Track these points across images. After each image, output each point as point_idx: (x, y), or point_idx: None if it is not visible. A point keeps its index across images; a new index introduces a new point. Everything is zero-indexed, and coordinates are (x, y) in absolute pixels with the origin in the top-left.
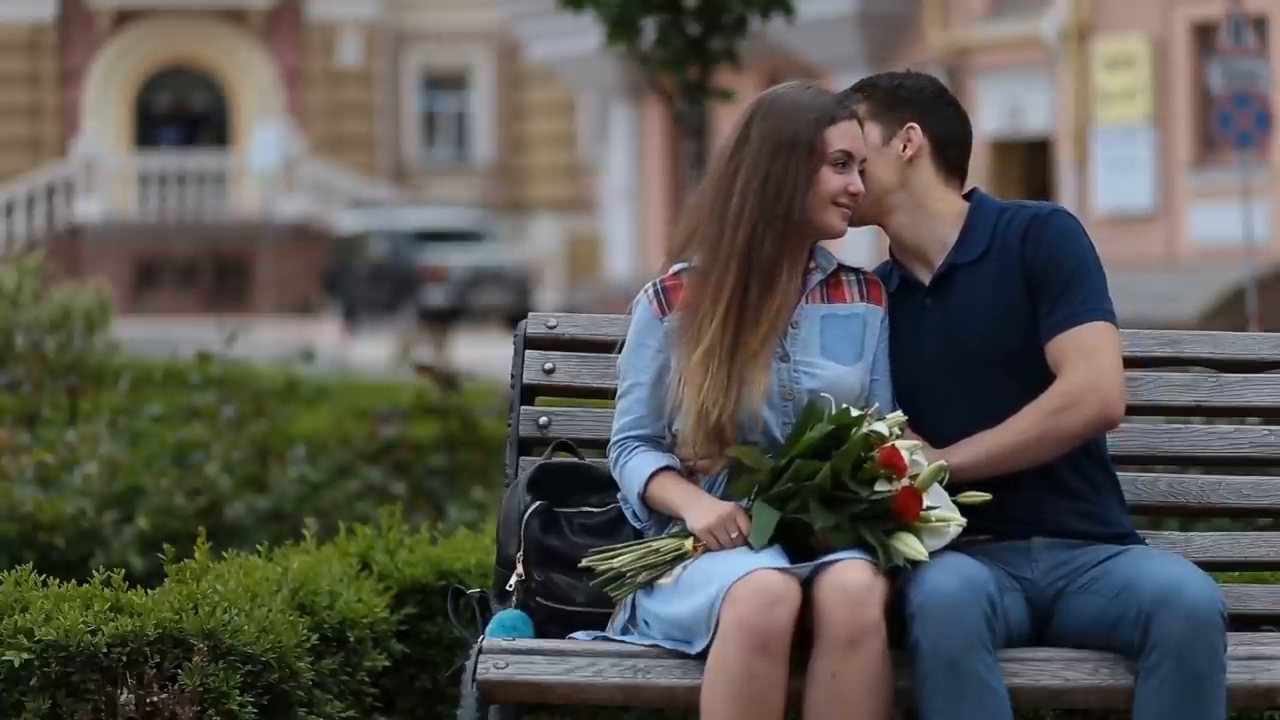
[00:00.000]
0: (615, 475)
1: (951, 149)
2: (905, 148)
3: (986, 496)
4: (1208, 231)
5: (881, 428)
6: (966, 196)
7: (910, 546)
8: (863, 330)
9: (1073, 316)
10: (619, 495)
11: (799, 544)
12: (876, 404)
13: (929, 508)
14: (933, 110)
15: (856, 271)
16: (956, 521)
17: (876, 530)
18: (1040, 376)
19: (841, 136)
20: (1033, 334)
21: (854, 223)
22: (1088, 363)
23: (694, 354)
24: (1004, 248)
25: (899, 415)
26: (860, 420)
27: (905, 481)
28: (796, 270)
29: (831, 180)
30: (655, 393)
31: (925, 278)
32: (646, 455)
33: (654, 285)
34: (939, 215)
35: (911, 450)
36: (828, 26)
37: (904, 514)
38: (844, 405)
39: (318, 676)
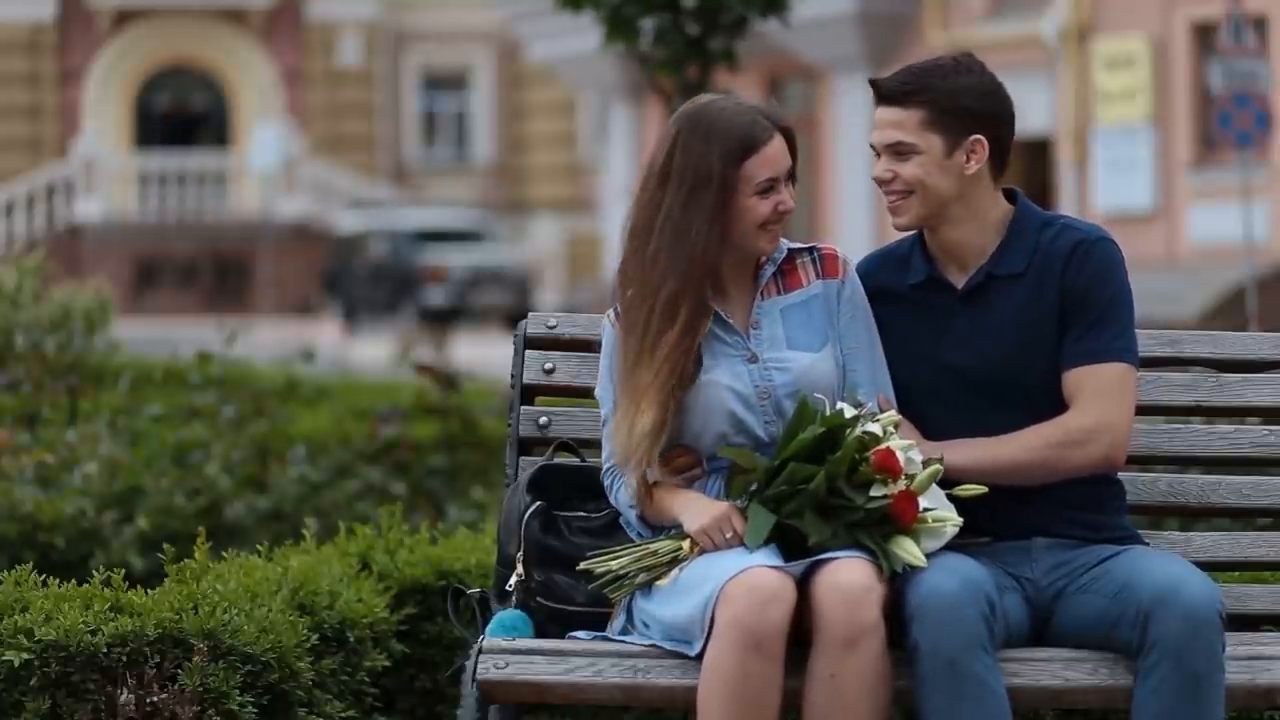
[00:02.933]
0: (612, 502)
1: (1005, 151)
2: (970, 160)
3: (983, 489)
4: (1208, 231)
5: (875, 428)
6: (1007, 195)
7: (908, 552)
8: (824, 309)
9: (1102, 351)
10: (621, 520)
11: (796, 543)
12: (870, 404)
13: (925, 509)
14: (993, 116)
15: (810, 250)
16: (953, 521)
17: (875, 536)
18: (1050, 399)
19: (763, 165)
20: (1056, 357)
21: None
22: (1107, 404)
23: (619, 392)
24: (1044, 267)
25: (893, 415)
26: (854, 421)
27: (901, 484)
28: (742, 285)
29: (757, 209)
30: None
31: (957, 279)
32: None
33: (614, 310)
34: (987, 221)
35: (906, 450)
36: (828, 26)
37: (901, 519)
38: (839, 406)
39: (318, 676)
